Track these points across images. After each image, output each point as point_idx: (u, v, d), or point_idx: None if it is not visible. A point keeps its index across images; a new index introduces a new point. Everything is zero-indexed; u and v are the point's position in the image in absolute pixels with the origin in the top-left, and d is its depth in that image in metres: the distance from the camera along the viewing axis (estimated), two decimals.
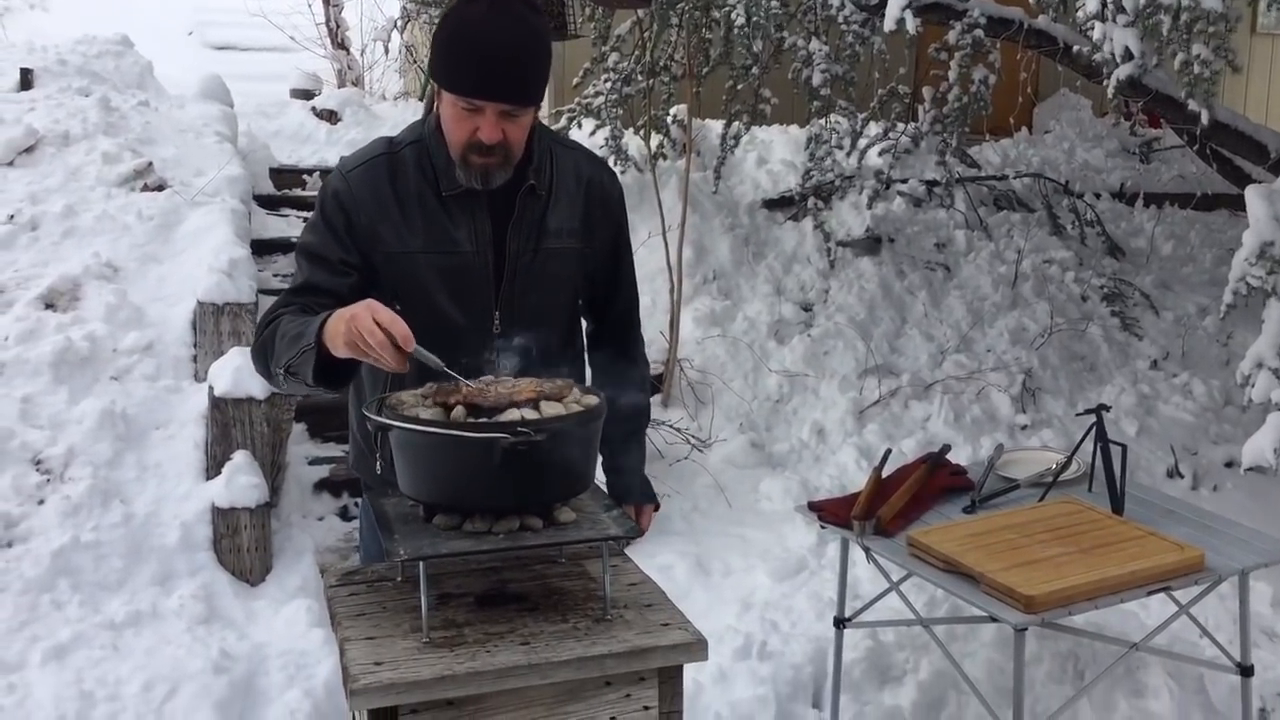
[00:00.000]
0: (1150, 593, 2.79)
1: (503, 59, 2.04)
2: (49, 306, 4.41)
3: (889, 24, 4.23)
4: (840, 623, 3.39)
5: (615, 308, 2.46)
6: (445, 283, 2.18)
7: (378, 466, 2.04)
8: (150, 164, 5.34)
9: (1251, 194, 3.75)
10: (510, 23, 2.05)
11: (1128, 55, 3.89)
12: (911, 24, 4.24)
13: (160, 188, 5.22)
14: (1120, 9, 3.76)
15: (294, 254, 2.26)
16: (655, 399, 5.09)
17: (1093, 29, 3.78)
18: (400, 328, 1.88)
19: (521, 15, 2.08)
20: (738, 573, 4.14)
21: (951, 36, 5.13)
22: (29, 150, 5.31)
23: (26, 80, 6.06)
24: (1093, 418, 3.28)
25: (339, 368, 2.00)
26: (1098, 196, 6.87)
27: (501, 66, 2.05)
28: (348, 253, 2.18)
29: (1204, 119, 3.89)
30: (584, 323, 2.46)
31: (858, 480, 4.49)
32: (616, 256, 2.40)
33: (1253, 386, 3.67)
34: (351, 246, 2.18)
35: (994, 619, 2.77)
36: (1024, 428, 5.12)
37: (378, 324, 1.87)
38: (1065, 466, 3.37)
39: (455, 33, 2.08)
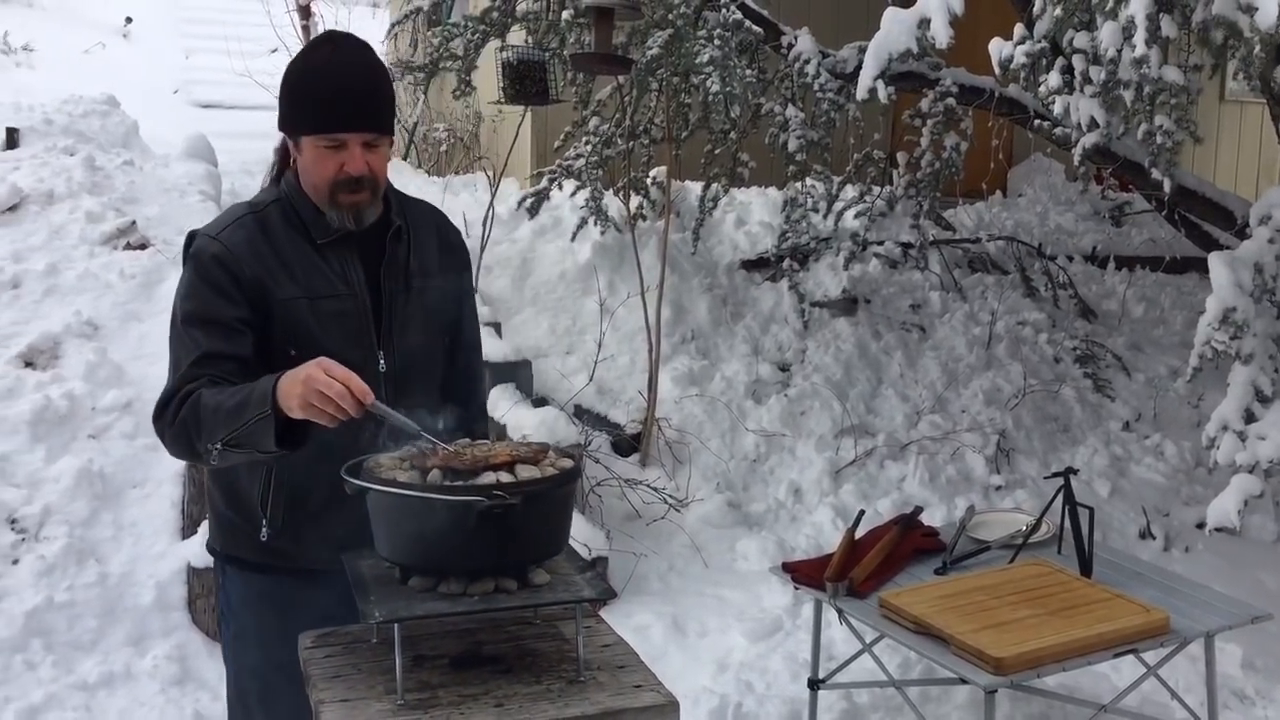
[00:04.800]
0: (1116, 655, 2.82)
1: (358, 91, 2.19)
2: (28, 365, 4.43)
3: (861, 93, 4.32)
4: (814, 684, 3.40)
5: (461, 353, 2.46)
6: (331, 327, 2.22)
7: (264, 534, 2.15)
8: (133, 223, 5.38)
9: (1214, 260, 3.84)
10: (356, 60, 2.21)
11: (1093, 124, 4.00)
12: (883, 93, 4.33)
13: (143, 246, 5.26)
14: (1087, 79, 3.87)
15: (176, 329, 2.19)
16: (633, 458, 5.13)
17: (1054, 103, 3.89)
18: (356, 382, 1.94)
19: (363, 53, 2.23)
20: (714, 633, 4.15)
21: (924, 104, 5.26)
22: (13, 209, 5.36)
23: (12, 139, 6.12)
24: (1062, 480, 3.33)
25: (298, 428, 2.02)
26: (1070, 259, 6.98)
27: (359, 98, 2.19)
28: (239, 309, 2.17)
29: (1167, 187, 3.99)
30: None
31: (834, 540, 4.51)
32: (460, 302, 2.45)
33: (1218, 449, 3.73)
34: (243, 302, 2.17)
35: (964, 680, 2.80)
36: (998, 488, 5.16)
37: (334, 378, 1.93)
38: (1035, 528, 3.41)
39: (306, 77, 2.22)
